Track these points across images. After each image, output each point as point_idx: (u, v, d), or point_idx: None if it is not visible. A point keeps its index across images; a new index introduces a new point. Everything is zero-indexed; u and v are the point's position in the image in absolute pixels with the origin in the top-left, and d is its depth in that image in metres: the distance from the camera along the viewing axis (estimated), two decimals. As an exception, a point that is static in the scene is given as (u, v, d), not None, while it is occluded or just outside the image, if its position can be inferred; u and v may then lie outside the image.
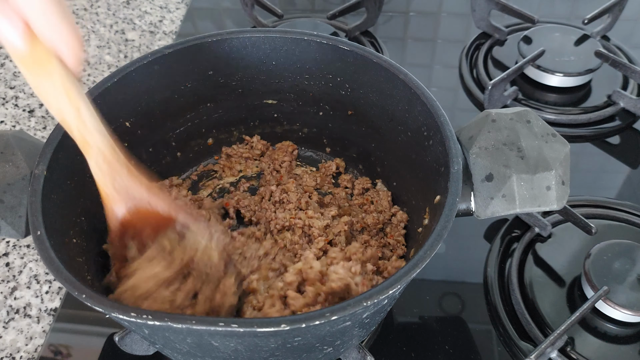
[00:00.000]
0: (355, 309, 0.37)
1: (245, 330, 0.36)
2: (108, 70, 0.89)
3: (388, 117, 0.58)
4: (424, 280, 0.62)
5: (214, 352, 0.42)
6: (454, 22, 0.99)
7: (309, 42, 0.59)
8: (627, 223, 0.65)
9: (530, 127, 0.49)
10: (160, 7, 1.02)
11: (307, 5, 1.04)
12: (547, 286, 0.60)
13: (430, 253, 0.41)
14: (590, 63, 0.81)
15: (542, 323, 0.57)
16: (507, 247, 0.64)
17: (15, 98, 0.84)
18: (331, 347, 0.45)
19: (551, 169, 0.46)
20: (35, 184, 0.45)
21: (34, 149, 0.49)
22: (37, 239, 0.42)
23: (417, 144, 0.54)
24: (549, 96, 0.83)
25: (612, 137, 0.78)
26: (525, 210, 0.47)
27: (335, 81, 0.61)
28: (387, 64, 0.55)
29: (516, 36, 0.89)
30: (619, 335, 0.57)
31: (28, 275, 0.64)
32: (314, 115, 0.65)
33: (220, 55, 0.59)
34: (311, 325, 0.36)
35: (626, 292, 0.56)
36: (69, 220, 0.48)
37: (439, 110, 0.50)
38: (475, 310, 0.60)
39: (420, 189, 0.54)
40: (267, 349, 0.41)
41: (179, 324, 0.36)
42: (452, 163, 0.46)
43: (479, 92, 0.84)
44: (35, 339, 0.59)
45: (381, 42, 0.91)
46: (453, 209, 0.43)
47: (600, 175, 0.73)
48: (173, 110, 0.61)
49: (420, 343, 0.57)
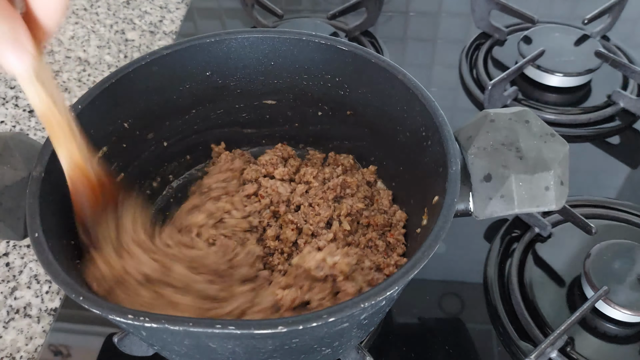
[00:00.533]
0: (353, 311, 0.37)
1: (243, 332, 0.36)
2: (108, 70, 0.89)
3: (387, 118, 0.58)
4: (423, 280, 0.62)
5: (212, 354, 0.42)
6: (454, 22, 0.99)
7: (308, 42, 0.58)
8: (627, 223, 0.65)
9: (529, 127, 0.49)
10: (160, 7, 1.02)
11: (307, 5, 1.04)
12: (547, 286, 0.60)
13: (428, 254, 0.41)
14: (590, 63, 0.81)
15: (542, 323, 0.57)
16: (507, 247, 0.64)
17: (15, 98, 0.84)
18: (329, 349, 0.45)
19: (550, 169, 0.46)
20: (33, 186, 0.45)
21: (33, 150, 0.49)
22: (35, 241, 0.42)
23: (415, 144, 0.54)
24: (548, 96, 0.82)
25: (612, 137, 0.78)
26: (524, 210, 0.47)
27: (334, 81, 0.61)
28: (386, 64, 0.55)
29: (516, 36, 0.89)
30: (619, 335, 0.57)
31: (28, 275, 0.64)
32: (312, 115, 0.65)
33: (219, 55, 0.59)
34: (309, 327, 0.36)
35: (626, 292, 0.56)
36: (66, 223, 0.48)
37: (437, 111, 0.50)
38: (475, 310, 0.60)
39: (419, 189, 0.54)
40: (265, 351, 0.41)
41: (175, 326, 0.36)
42: (451, 163, 0.46)
43: (479, 92, 0.83)
44: (35, 339, 0.59)
45: (381, 42, 0.91)
46: (451, 209, 0.43)
47: (600, 175, 0.73)
48: (172, 111, 0.61)
49: (420, 343, 0.57)
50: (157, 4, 1.03)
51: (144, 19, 0.99)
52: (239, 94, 0.63)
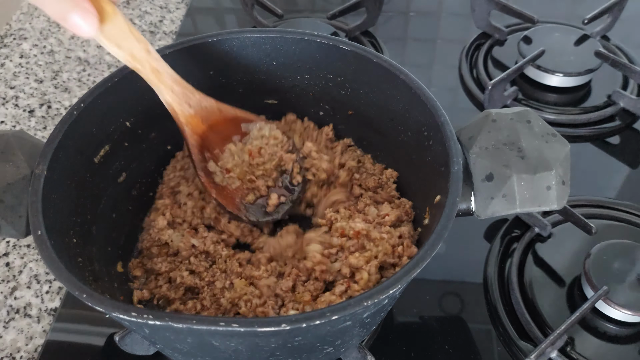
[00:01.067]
0: (356, 309, 0.37)
1: (246, 330, 0.36)
2: (108, 70, 0.89)
3: (388, 117, 0.58)
4: (424, 280, 0.62)
5: (215, 352, 0.42)
6: (454, 22, 0.99)
7: (310, 42, 0.58)
8: (627, 223, 0.65)
9: (530, 127, 0.49)
10: (160, 7, 1.02)
11: (307, 5, 1.04)
12: (547, 286, 0.60)
13: (430, 253, 0.41)
14: (590, 63, 0.81)
15: (542, 323, 0.57)
16: (507, 247, 0.64)
17: (15, 98, 0.84)
18: (332, 347, 0.45)
19: (551, 168, 0.46)
20: (36, 184, 0.45)
21: (34, 148, 0.49)
22: (37, 239, 0.42)
23: (417, 143, 0.54)
24: (549, 96, 0.83)
25: (612, 137, 0.78)
26: (526, 210, 0.47)
27: (336, 81, 0.61)
28: (387, 64, 0.55)
29: (516, 36, 0.89)
30: (619, 335, 0.57)
31: (28, 275, 0.64)
32: (314, 115, 0.65)
33: (221, 55, 0.59)
34: (312, 325, 0.36)
35: (626, 292, 0.56)
36: (69, 220, 0.48)
37: (439, 110, 0.50)
38: (475, 310, 0.60)
39: (421, 188, 0.54)
40: (268, 349, 0.41)
41: (179, 324, 0.36)
42: (453, 163, 0.46)
43: (479, 92, 0.84)
44: (35, 339, 0.59)
45: (381, 42, 0.91)
46: (453, 208, 0.43)
47: (600, 175, 0.73)
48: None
49: (420, 343, 0.57)
50: (157, 4, 1.03)
51: (144, 19, 0.99)
52: (241, 93, 0.63)
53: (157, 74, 0.50)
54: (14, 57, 0.90)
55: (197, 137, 0.56)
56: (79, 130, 0.50)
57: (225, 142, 0.59)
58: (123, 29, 0.45)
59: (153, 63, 0.49)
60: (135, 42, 0.47)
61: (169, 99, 0.52)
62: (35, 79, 0.87)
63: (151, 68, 0.49)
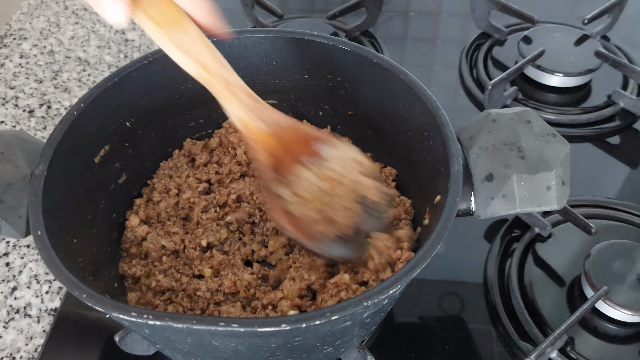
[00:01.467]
0: (356, 309, 0.37)
1: (246, 330, 0.36)
2: (108, 70, 0.89)
3: (388, 117, 0.58)
4: (424, 280, 0.62)
5: (215, 352, 0.42)
6: (454, 22, 0.99)
7: (309, 42, 0.58)
8: (627, 223, 0.65)
9: (530, 127, 0.49)
10: (160, 7, 1.02)
11: (307, 5, 1.04)
12: (547, 286, 0.60)
13: (430, 253, 0.41)
14: (590, 63, 0.81)
15: (542, 323, 0.57)
16: (507, 247, 0.64)
17: (15, 98, 0.84)
18: (331, 347, 0.45)
19: (551, 169, 0.46)
20: (36, 184, 0.45)
21: (34, 149, 0.49)
22: (38, 239, 0.42)
23: (417, 144, 0.54)
24: (549, 96, 0.83)
25: (612, 137, 0.78)
26: (526, 210, 0.47)
27: (336, 81, 0.61)
28: (387, 64, 0.55)
29: (516, 36, 0.89)
30: (619, 335, 0.57)
31: (28, 275, 0.64)
32: (314, 115, 0.65)
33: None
34: (312, 325, 0.36)
35: (626, 292, 0.56)
36: (69, 220, 0.48)
37: (439, 111, 0.50)
38: (475, 310, 0.60)
39: (421, 188, 0.54)
40: (268, 349, 0.41)
41: (179, 324, 0.36)
42: (453, 163, 0.46)
43: (479, 92, 0.84)
44: (35, 339, 0.59)
45: (381, 42, 0.91)
46: (453, 208, 0.43)
47: (600, 175, 0.73)
48: (174, 111, 0.61)
49: (420, 343, 0.57)
50: (157, 4, 1.03)
51: (144, 19, 0.99)
52: (241, 93, 0.63)
53: (229, 86, 0.46)
54: (13, 57, 0.90)
55: (273, 159, 0.48)
56: (79, 130, 0.50)
57: (294, 163, 0.50)
58: (193, 37, 0.44)
59: (225, 74, 0.46)
60: (207, 51, 0.44)
61: (241, 114, 0.47)
62: (35, 79, 0.87)
63: (223, 80, 0.46)
